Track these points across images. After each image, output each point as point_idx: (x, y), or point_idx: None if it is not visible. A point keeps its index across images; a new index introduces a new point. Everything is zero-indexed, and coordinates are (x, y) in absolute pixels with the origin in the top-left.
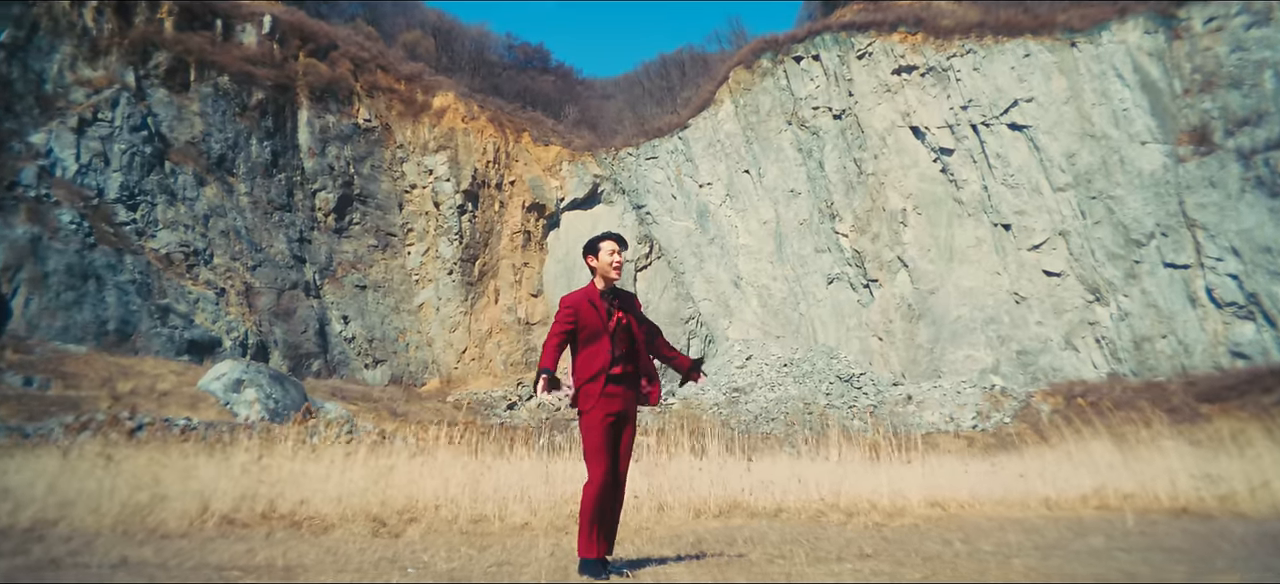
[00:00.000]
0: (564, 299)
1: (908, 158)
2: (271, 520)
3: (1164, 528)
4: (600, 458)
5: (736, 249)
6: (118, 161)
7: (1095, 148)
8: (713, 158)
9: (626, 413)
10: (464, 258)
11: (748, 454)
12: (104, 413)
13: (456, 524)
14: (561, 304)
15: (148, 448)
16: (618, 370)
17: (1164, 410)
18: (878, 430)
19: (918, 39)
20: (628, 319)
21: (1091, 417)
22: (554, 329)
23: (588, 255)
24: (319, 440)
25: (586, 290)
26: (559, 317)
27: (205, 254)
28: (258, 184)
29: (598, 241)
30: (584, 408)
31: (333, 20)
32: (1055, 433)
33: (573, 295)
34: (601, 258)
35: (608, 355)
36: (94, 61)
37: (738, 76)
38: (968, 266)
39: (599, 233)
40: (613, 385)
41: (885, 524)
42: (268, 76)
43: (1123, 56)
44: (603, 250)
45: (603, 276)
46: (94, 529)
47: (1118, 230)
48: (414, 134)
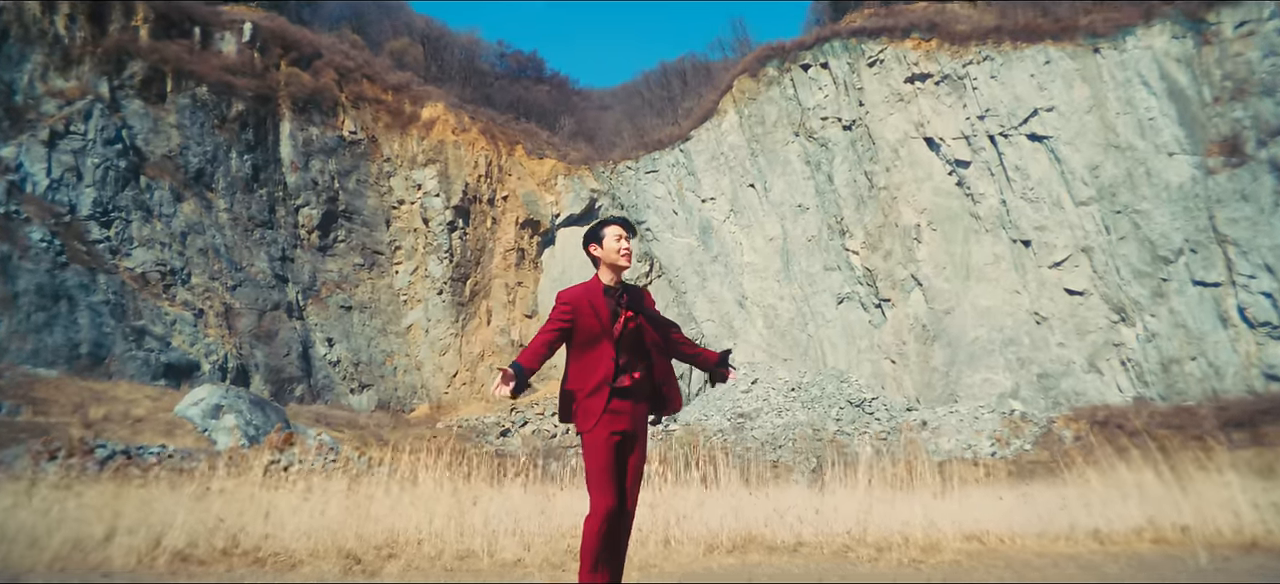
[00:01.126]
0: (561, 295)
1: (921, 170)
2: (232, 556)
3: (1239, 565)
4: (604, 485)
5: (741, 267)
6: (91, 176)
7: (1120, 159)
8: (716, 171)
9: (635, 432)
10: (454, 277)
11: (752, 481)
12: (73, 440)
13: (440, 561)
14: (558, 300)
15: (110, 477)
16: (624, 382)
17: (1193, 437)
18: (910, 456)
19: (932, 45)
20: (637, 320)
21: (1124, 442)
22: (546, 326)
23: (590, 244)
24: (292, 467)
25: (587, 286)
26: (553, 313)
27: (182, 273)
28: (238, 200)
29: (601, 228)
30: (584, 427)
31: (316, 28)
32: (1089, 460)
33: (571, 291)
34: (606, 246)
35: (610, 364)
36: (66, 71)
37: (742, 85)
38: (985, 285)
39: (600, 219)
40: (618, 399)
41: (922, 561)
42: (248, 87)
43: (1149, 63)
44: (607, 237)
45: (609, 269)
46: (29, 567)
47: (1144, 246)
48: (402, 147)
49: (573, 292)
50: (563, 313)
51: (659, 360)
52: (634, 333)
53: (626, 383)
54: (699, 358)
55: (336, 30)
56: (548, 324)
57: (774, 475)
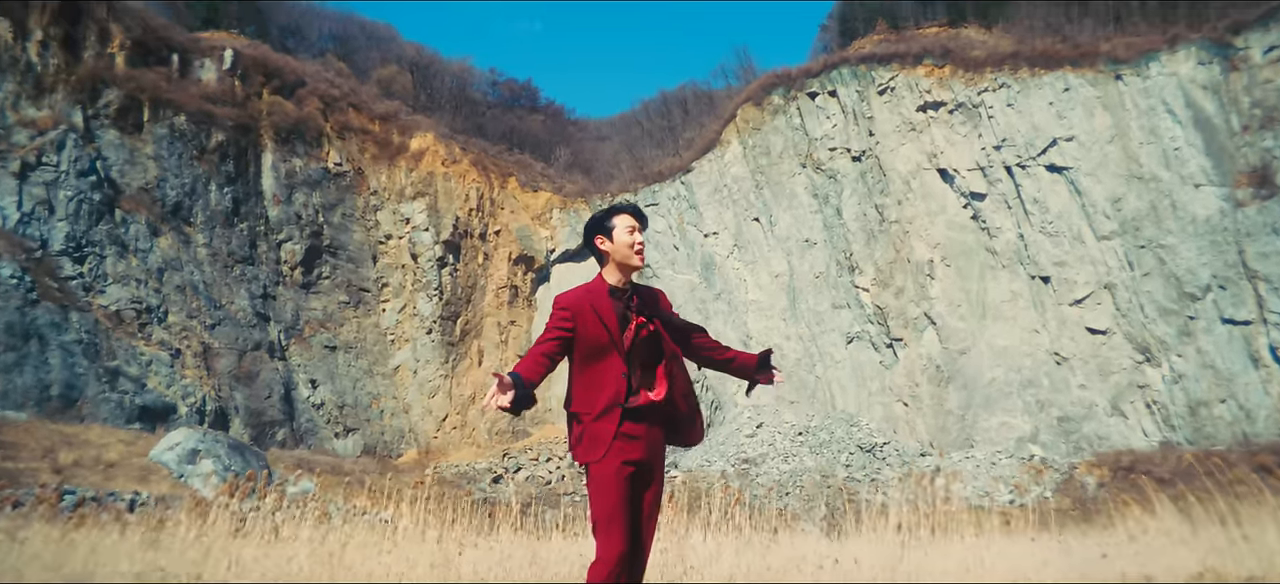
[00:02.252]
0: (559, 299)
1: (935, 203)
2: None
3: None
4: (614, 527)
5: (745, 305)
6: (63, 210)
7: (1144, 191)
8: (719, 204)
9: (651, 462)
10: (444, 315)
11: (761, 528)
12: (39, 487)
13: None
14: (555, 306)
15: (65, 524)
16: (638, 401)
17: (1228, 482)
18: (938, 499)
19: (945, 72)
20: (651, 327)
21: (1149, 489)
22: (543, 335)
23: (595, 236)
24: (257, 511)
25: (589, 288)
26: (551, 320)
27: (159, 311)
28: (217, 234)
29: (609, 217)
30: (590, 457)
31: (301, 55)
32: (1130, 503)
33: (570, 294)
34: (616, 239)
35: (620, 381)
36: (38, 100)
37: (746, 115)
38: (1002, 324)
39: (608, 206)
40: (631, 423)
41: None
42: (229, 116)
43: (1173, 90)
44: (617, 228)
45: (617, 267)
46: None
47: (1170, 283)
48: (389, 179)
49: (572, 295)
50: (561, 320)
51: (679, 376)
52: (648, 342)
53: (641, 403)
54: (734, 362)
55: (321, 58)
56: (545, 333)
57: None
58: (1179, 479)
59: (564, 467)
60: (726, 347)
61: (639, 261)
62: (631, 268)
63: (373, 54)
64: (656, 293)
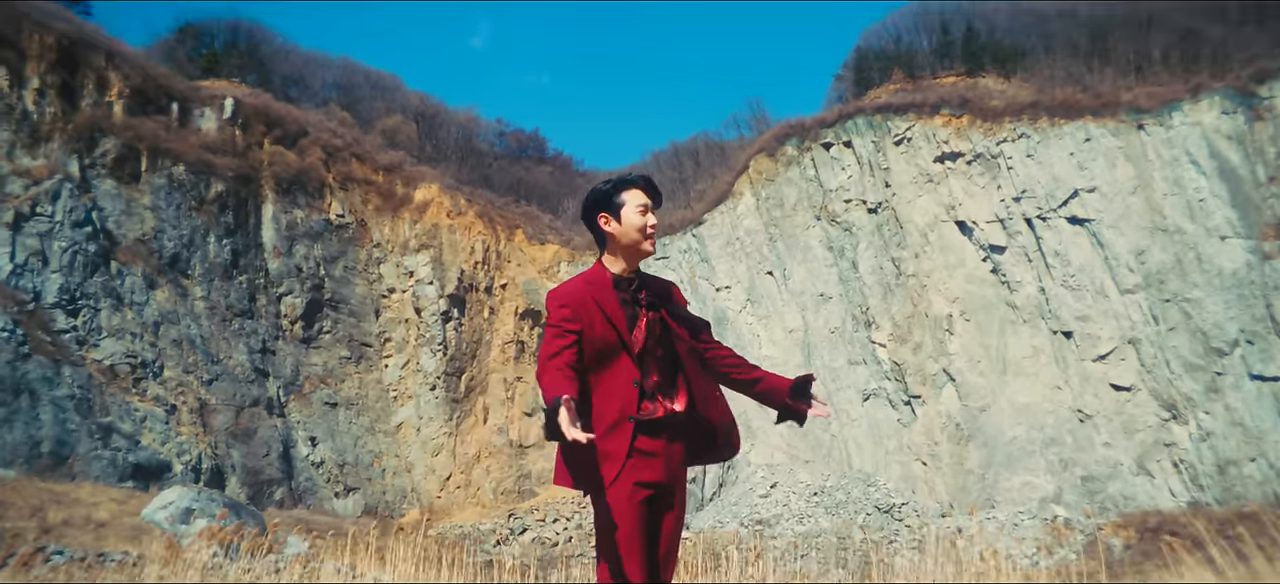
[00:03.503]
0: (554, 294)
1: (953, 256)
2: None
3: None
4: (630, 561)
5: (759, 361)
6: (58, 261)
7: (1168, 244)
8: (731, 257)
9: (670, 484)
10: (448, 371)
11: None
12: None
13: None
14: (551, 302)
15: None
16: (655, 411)
17: None
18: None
19: (963, 122)
20: (662, 321)
21: (1177, 551)
22: (550, 342)
23: (599, 213)
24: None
25: (588, 278)
26: (553, 320)
27: (154, 366)
28: (215, 287)
29: (616, 191)
30: (601, 484)
31: (303, 104)
32: (1152, 569)
33: (566, 288)
34: (625, 219)
35: (631, 388)
36: (34, 149)
37: (759, 166)
38: (1024, 380)
39: (614, 179)
40: (647, 438)
41: None
42: (229, 166)
43: (1197, 140)
44: (627, 205)
45: (624, 252)
46: None
47: (1196, 338)
48: (393, 231)
49: (570, 289)
50: (565, 319)
51: (701, 379)
52: (661, 341)
53: (659, 414)
54: (759, 384)
55: (325, 107)
56: (553, 337)
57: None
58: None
59: (572, 528)
60: (752, 364)
61: (650, 247)
62: (641, 254)
63: (377, 103)
64: (669, 285)
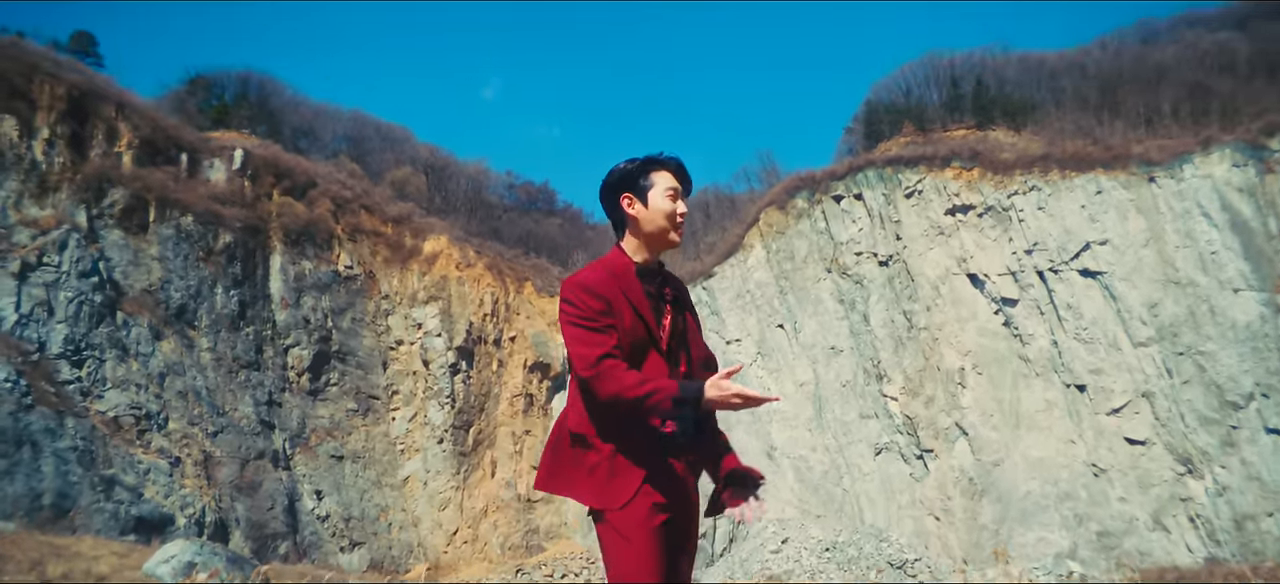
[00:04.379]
0: (580, 283)
1: (965, 309)
2: None
3: None
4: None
5: (769, 415)
6: (63, 311)
7: (1181, 296)
8: (742, 310)
9: (690, 511)
10: (456, 425)
11: None
12: None
13: None
14: (576, 291)
15: None
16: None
17: None
18: None
19: (974, 175)
20: (685, 321)
21: None
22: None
23: (623, 194)
24: None
25: (611, 266)
26: (583, 312)
27: (159, 418)
28: (222, 338)
29: (645, 171)
30: (611, 500)
31: (313, 156)
32: None
33: (593, 276)
34: (653, 203)
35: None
36: (42, 199)
37: (769, 218)
38: (1037, 434)
39: (643, 157)
40: (671, 454)
41: None
42: (237, 217)
43: (1208, 193)
44: (655, 187)
45: (648, 240)
46: None
47: (1211, 391)
48: (401, 283)
49: (596, 277)
50: (599, 310)
51: None
52: (682, 343)
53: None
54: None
55: (334, 159)
56: (591, 330)
57: None
58: None
59: (581, 583)
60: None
61: (678, 237)
62: (666, 244)
63: (387, 155)
64: (682, 285)
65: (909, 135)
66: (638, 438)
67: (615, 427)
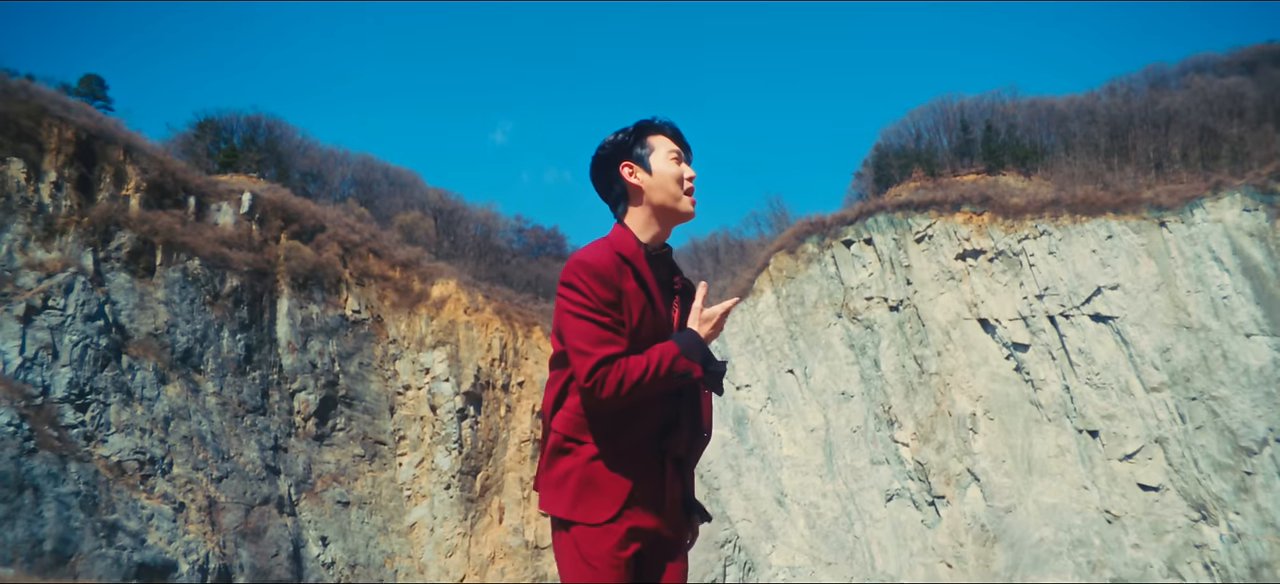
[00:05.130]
0: (583, 262)
1: (976, 354)
2: None
3: None
4: None
5: (780, 461)
6: (68, 355)
7: (1193, 341)
8: (751, 355)
9: (674, 544)
10: (464, 470)
11: None
12: None
13: None
14: (579, 272)
15: None
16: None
17: None
18: None
19: (984, 219)
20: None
21: None
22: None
23: (623, 162)
24: None
25: (618, 246)
26: (593, 300)
27: (163, 463)
28: (228, 382)
29: (640, 137)
30: (590, 515)
31: (321, 200)
32: None
33: (598, 257)
34: (657, 168)
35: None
36: (48, 242)
37: (779, 263)
38: (1049, 480)
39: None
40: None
41: None
42: (244, 260)
43: (1219, 237)
44: (656, 152)
45: (659, 211)
46: None
47: (1224, 436)
48: (409, 327)
49: (602, 258)
50: (607, 299)
51: (706, 404)
52: None
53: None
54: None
55: (343, 202)
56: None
57: None
58: None
59: None
60: None
61: (690, 206)
62: (678, 216)
63: (396, 199)
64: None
65: (919, 180)
66: (627, 443)
67: (610, 434)
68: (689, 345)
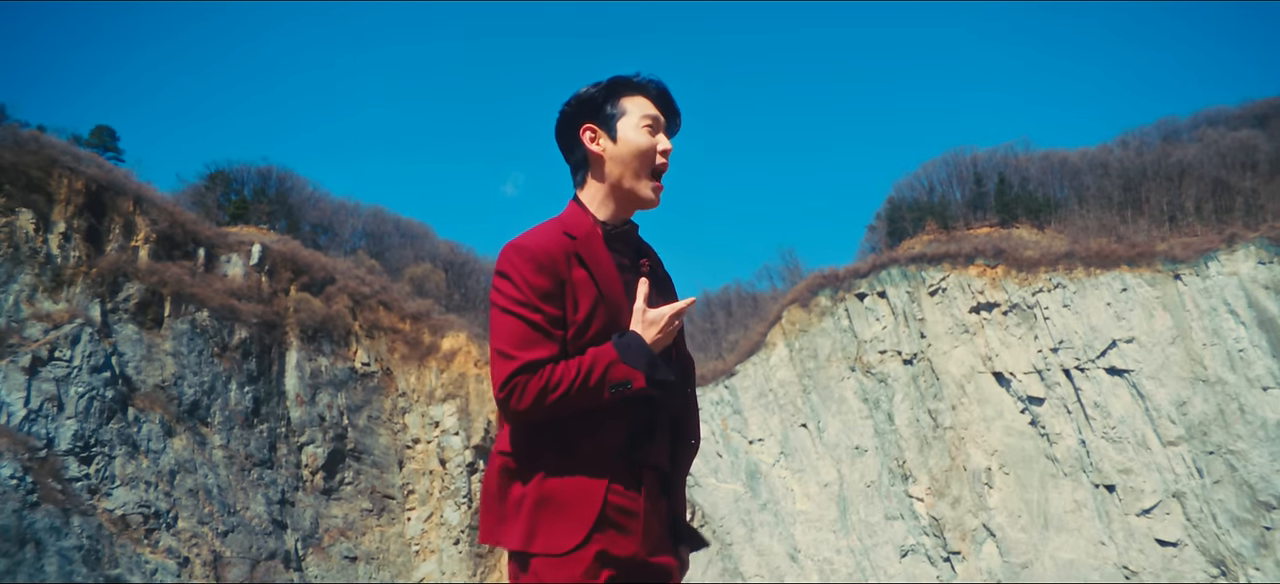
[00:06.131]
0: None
1: (991, 408)
2: None
3: None
4: None
5: (793, 516)
6: (73, 407)
7: (1210, 394)
8: (764, 409)
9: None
10: (473, 525)
11: None
12: None
13: None
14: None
15: None
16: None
17: None
18: None
19: (998, 273)
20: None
21: None
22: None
23: (584, 124)
24: None
25: (566, 224)
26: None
27: (168, 516)
28: (235, 435)
29: (611, 94)
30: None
31: (331, 252)
32: None
33: (538, 238)
34: (624, 135)
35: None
36: (56, 293)
37: (792, 316)
38: (1066, 535)
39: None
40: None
41: None
42: (253, 312)
43: (1235, 290)
44: (628, 114)
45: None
46: None
47: (1242, 491)
48: (419, 380)
49: (544, 241)
50: (543, 292)
51: (693, 398)
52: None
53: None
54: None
55: (353, 254)
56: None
57: None
58: None
59: None
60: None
61: (651, 192)
62: (639, 200)
63: (406, 251)
64: (655, 252)
65: (932, 233)
66: (590, 453)
67: (568, 447)
68: (628, 349)
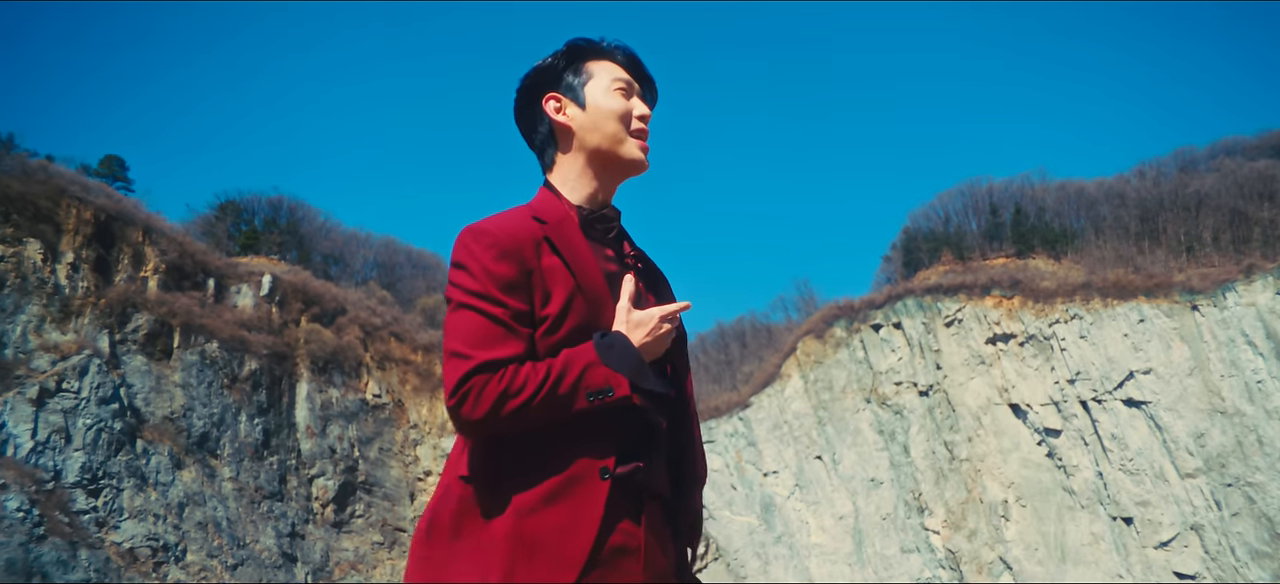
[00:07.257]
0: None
1: (1007, 440)
2: None
3: None
4: None
5: (808, 549)
6: (81, 439)
7: (1228, 426)
8: (779, 441)
9: None
10: None
11: None
12: None
13: None
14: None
15: None
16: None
17: None
18: None
19: (1014, 304)
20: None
21: None
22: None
23: (547, 95)
24: None
25: (536, 209)
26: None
27: (176, 550)
28: (245, 467)
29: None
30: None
31: (342, 282)
32: None
33: (501, 224)
34: (595, 98)
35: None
36: (64, 324)
37: (807, 347)
38: (1083, 568)
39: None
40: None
41: None
42: (263, 343)
43: (1253, 321)
44: (594, 78)
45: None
46: None
47: (1261, 523)
48: (430, 412)
49: (508, 226)
50: (504, 277)
51: (693, 409)
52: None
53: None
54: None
55: (364, 285)
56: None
57: None
58: None
59: None
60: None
61: (638, 151)
62: (624, 167)
63: (418, 282)
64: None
65: (948, 263)
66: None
67: (537, 469)
68: (610, 350)
